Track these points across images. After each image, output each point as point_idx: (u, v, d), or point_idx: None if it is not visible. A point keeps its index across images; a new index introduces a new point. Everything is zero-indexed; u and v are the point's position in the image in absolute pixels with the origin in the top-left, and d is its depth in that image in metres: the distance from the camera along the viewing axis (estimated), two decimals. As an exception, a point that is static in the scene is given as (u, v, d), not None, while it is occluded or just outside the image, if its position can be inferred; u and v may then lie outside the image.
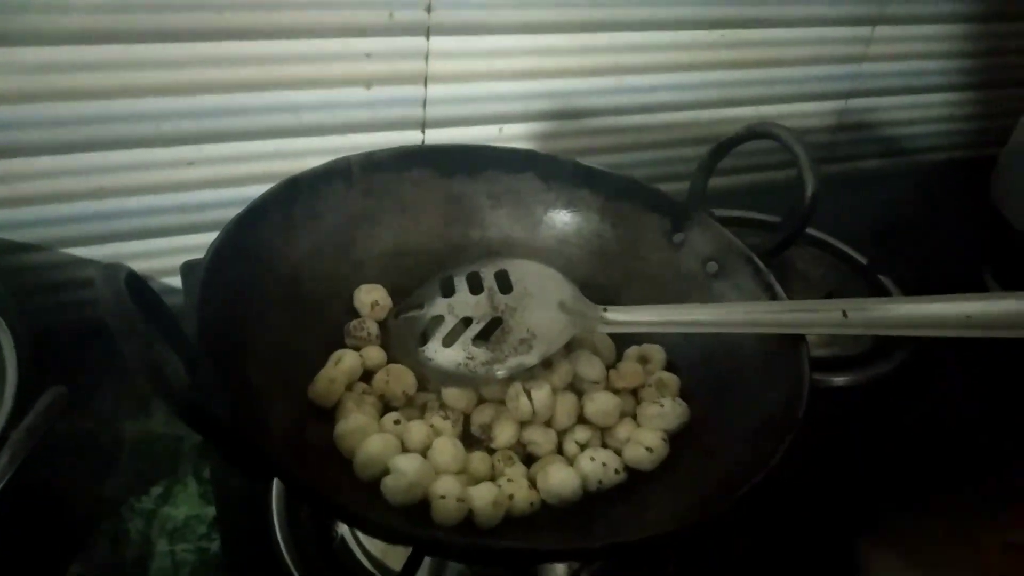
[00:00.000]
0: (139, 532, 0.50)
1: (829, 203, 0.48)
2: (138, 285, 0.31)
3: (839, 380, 0.61)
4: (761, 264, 0.45)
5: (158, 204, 0.61)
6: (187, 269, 0.62)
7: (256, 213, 0.43)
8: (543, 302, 0.45)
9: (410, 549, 0.40)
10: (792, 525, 0.52)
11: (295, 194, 0.46)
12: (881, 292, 0.68)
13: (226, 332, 0.38)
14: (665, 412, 0.44)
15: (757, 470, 0.34)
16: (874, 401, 0.61)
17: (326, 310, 0.48)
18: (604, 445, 0.45)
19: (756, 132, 0.46)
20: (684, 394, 0.46)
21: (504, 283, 0.47)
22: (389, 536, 0.31)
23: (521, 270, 0.48)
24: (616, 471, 0.42)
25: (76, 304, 0.63)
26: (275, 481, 0.49)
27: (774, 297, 0.44)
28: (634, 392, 0.47)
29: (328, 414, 0.44)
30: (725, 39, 0.73)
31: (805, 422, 0.37)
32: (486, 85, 0.66)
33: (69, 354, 0.55)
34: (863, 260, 0.71)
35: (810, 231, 0.68)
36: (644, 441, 0.43)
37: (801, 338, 0.41)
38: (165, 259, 0.64)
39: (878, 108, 0.87)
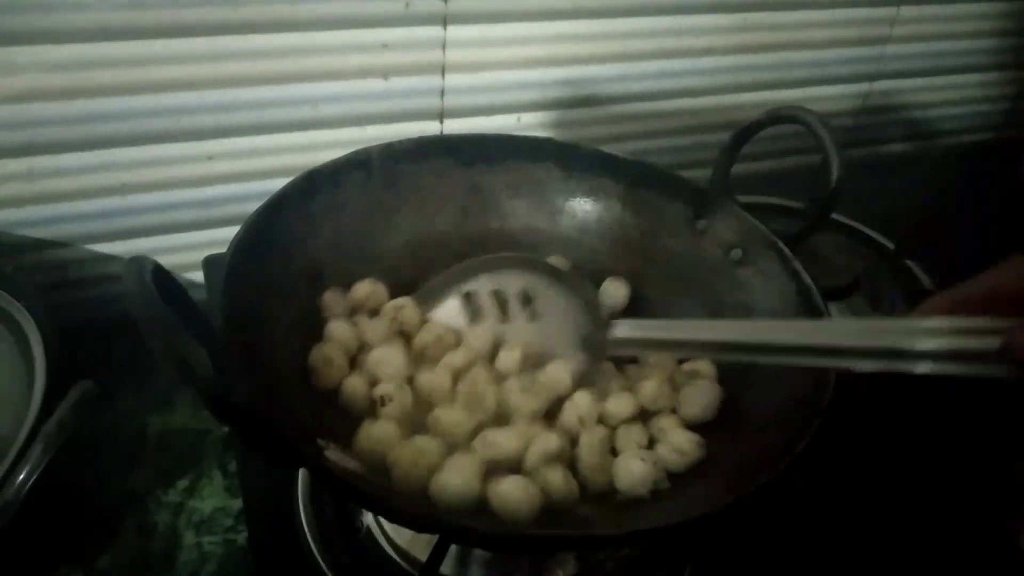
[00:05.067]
0: (166, 525, 0.51)
1: (855, 188, 0.47)
2: (164, 278, 0.31)
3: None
4: (787, 251, 0.45)
5: (179, 199, 0.62)
6: (209, 263, 0.62)
7: (277, 206, 0.43)
8: (564, 340, 0.45)
9: (435, 538, 0.39)
10: (816, 517, 0.51)
11: (315, 187, 0.46)
12: (908, 278, 0.67)
13: (250, 324, 0.38)
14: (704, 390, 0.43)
15: (782, 458, 0.33)
16: (899, 388, 0.60)
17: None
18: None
19: (780, 116, 0.45)
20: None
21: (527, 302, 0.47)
22: (414, 523, 0.31)
23: (548, 298, 0.46)
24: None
25: (100, 299, 0.63)
26: (300, 473, 0.49)
27: (800, 284, 0.43)
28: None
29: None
30: (746, 23, 0.72)
31: (831, 409, 0.36)
32: (504, 74, 0.66)
33: (93, 349, 0.56)
34: (890, 245, 0.70)
35: (835, 216, 0.66)
36: (676, 443, 0.42)
37: (822, 315, 0.41)
38: (187, 254, 0.64)
39: (903, 90, 0.86)
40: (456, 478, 0.36)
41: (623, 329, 0.44)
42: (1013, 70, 0.90)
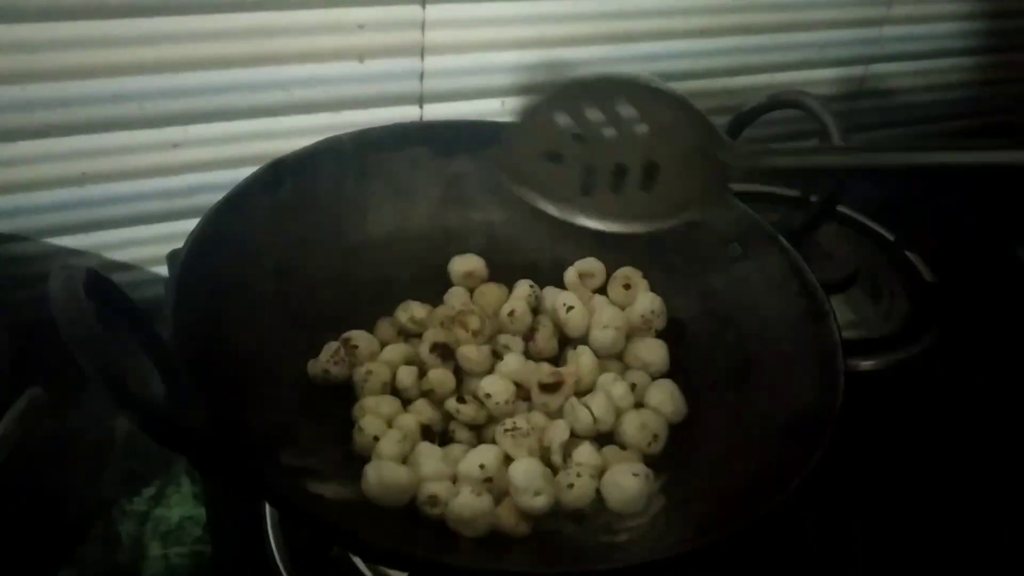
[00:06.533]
0: (131, 535, 0.49)
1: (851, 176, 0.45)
2: (102, 287, 0.28)
3: (866, 364, 0.58)
4: (789, 246, 0.43)
5: (143, 189, 0.59)
6: (174, 258, 0.60)
7: (239, 199, 0.41)
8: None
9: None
10: (814, 523, 0.49)
11: (281, 177, 0.44)
12: (908, 269, 0.65)
13: (207, 332, 0.36)
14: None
15: (792, 474, 0.31)
16: (901, 386, 0.58)
17: (317, 303, 0.45)
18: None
19: (781, 101, 0.43)
20: (702, 383, 0.44)
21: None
22: (385, 560, 0.29)
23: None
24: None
25: (61, 296, 0.60)
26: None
27: (803, 282, 0.41)
28: None
29: (323, 418, 0.41)
30: (738, 3, 0.70)
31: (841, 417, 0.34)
32: (487, 56, 0.63)
33: (54, 349, 0.53)
34: (889, 236, 0.68)
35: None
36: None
37: (827, 316, 0.38)
38: (152, 247, 0.62)
39: (901, 74, 0.84)
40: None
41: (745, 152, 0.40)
42: (1014, 52, 0.88)
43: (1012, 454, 0.55)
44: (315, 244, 0.45)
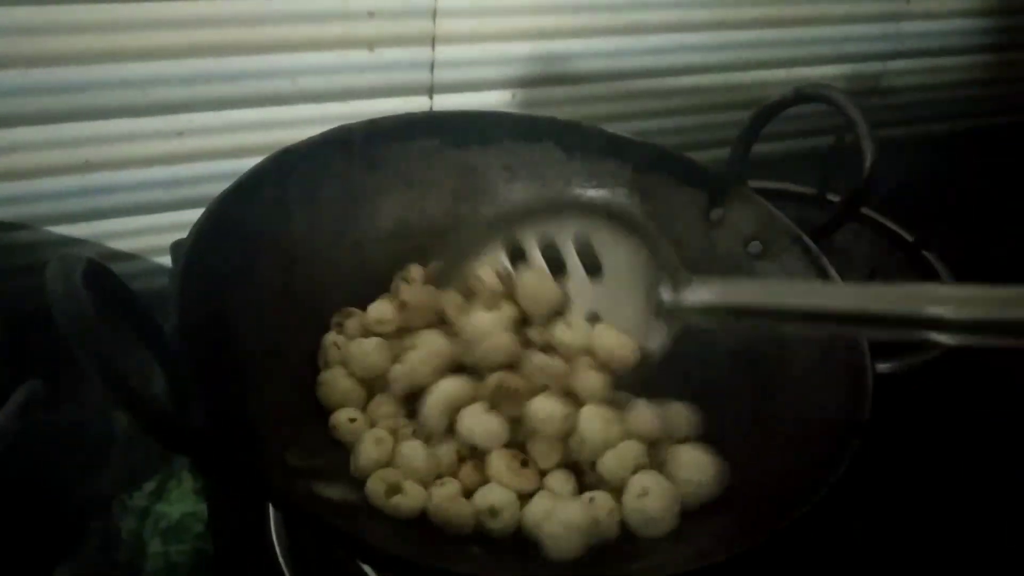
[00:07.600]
0: (131, 532, 0.48)
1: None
2: (101, 278, 0.27)
3: (883, 367, 0.56)
4: (812, 245, 0.42)
5: (147, 178, 0.59)
6: (177, 248, 0.59)
7: (245, 189, 0.40)
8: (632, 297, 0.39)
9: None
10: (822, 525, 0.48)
11: (289, 167, 0.43)
12: (927, 270, 0.64)
13: (211, 325, 0.35)
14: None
15: (817, 485, 0.30)
16: (919, 389, 0.57)
17: (325, 297, 0.44)
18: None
19: (806, 95, 0.42)
20: (726, 392, 0.42)
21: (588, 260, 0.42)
22: (393, 567, 0.28)
23: (611, 251, 0.41)
24: None
25: (62, 286, 0.59)
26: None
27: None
28: None
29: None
30: (757, -5, 0.69)
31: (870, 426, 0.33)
32: (499, 46, 0.63)
33: (54, 340, 0.52)
34: (908, 236, 0.67)
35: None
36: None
37: None
38: (156, 237, 0.61)
39: (920, 70, 0.83)
40: None
41: (708, 292, 0.37)
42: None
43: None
44: (323, 236, 0.45)
